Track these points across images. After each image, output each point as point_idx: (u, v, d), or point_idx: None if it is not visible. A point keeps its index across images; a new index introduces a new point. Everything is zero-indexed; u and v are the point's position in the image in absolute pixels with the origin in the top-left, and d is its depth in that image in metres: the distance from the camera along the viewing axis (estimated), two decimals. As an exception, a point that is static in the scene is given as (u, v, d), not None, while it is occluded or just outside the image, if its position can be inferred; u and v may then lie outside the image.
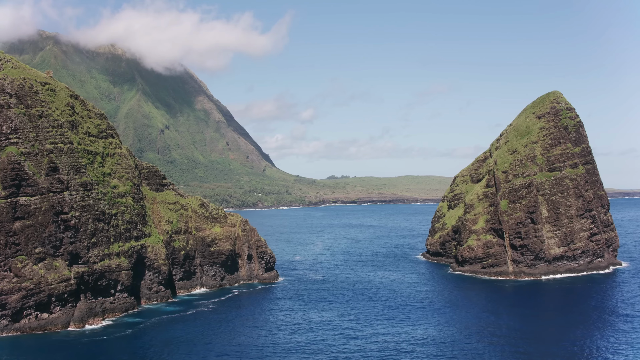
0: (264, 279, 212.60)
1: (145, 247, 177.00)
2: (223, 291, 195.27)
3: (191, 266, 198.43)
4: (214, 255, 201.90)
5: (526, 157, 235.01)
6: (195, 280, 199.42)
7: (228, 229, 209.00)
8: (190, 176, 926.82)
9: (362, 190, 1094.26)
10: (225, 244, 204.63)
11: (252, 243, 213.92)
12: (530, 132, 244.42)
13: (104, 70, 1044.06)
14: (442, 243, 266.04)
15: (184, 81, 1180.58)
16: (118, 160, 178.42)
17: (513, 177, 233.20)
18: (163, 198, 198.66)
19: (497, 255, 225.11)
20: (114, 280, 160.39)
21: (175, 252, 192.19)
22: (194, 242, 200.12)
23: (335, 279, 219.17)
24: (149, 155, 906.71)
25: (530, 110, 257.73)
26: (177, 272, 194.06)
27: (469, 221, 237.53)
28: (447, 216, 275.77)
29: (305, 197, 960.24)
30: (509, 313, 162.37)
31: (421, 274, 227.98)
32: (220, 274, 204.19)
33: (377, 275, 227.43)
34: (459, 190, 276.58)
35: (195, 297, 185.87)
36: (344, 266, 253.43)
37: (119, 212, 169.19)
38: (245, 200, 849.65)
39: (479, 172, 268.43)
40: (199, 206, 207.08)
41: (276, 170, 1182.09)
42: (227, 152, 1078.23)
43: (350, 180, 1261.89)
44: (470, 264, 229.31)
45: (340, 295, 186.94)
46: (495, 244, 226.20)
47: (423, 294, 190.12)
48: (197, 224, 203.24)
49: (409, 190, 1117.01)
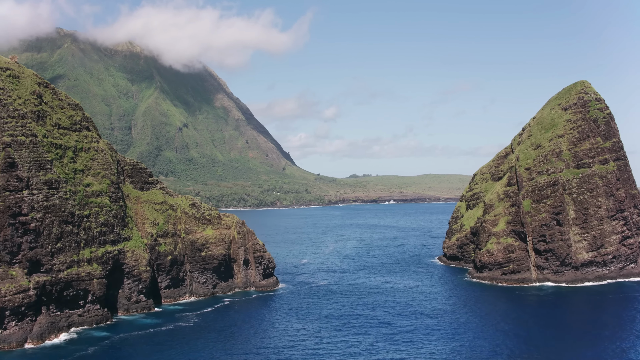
0: (262, 287, 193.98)
1: (124, 252, 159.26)
2: (213, 300, 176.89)
3: (179, 273, 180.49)
4: (204, 261, 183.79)
5: (551, 153, 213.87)
6: (183, 288, 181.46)
7: (222, 232, 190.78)
8: (209, 175, 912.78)
9: (383, 189, 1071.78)
10: (218, 248, 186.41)
11: (249, 247, 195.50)
12: (556, 125, 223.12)
13: (122, 68, 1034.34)
14: (459, 246, 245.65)
15: (203, 79, 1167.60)
16: (94, 156, 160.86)
17: (537, 174, 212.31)
18: (148, 197, 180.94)
19: (519, 261, 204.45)
20: (83, 290, 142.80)
21: (160, 258, 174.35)
22: (182, 246, 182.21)
23: (341, 287, 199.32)
24: (166, 153, 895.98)
25: (555, 101, 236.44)
26: (163, 279, 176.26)
27: (488, 223, 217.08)
28: (466, 217, 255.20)
29: (325, 196, 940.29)
30: (532, 330, 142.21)
31: (436, 282, 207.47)
32: (212, 281, 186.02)
33: (387, 282, 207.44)
34: (478, 189, 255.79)
35: (180, 308, 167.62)
36: (353, 271, 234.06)
37: (92, 214, 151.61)
38: (263, 199, 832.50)
39: (499, 169, 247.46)
40: (189, 206, 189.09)
41: (296, 168, 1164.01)
42: (246, 150, 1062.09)
43: (372, 179, 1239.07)
44: (489, 270, 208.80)
45: (344, 308, 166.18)
46: (517, 248, 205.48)
47: (435, 306, 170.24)
48: (187, 226, 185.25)
49: (431, 189, 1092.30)
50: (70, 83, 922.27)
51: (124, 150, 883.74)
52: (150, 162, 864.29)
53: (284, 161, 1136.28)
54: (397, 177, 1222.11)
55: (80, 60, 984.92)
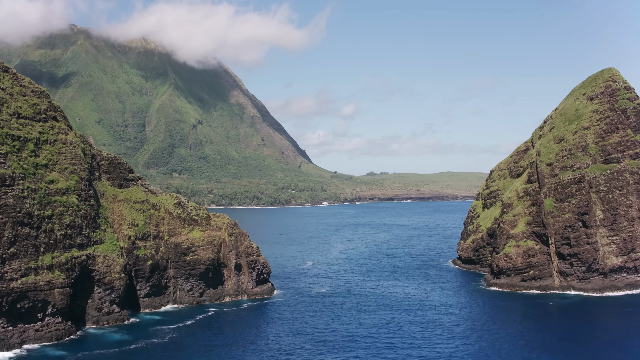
0: (255, 294, 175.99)
1: (94, 257, 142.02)
2: (198, 310, 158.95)
3: (161, 279, 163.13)
4: (190, 266, 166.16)
5: (576, 147, 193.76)
6: (166, 296, 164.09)
7: (210, 234, 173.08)
8: (223, 172, 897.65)
9: (400, 186, 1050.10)
10: (205, 251, 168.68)
11: (242, 250, 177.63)
12: (581, 116, 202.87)
13: (135, 64, 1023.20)
14: (475, 248, 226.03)
15: (218, 75, 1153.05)
16: (61, 149, 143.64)
17: (560, 170, 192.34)
18: (127, 196, 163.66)
19: (540, 266, 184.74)
20: (41, 301, 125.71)
21: (139, 263, 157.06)
22: (165, 249, 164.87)
23: (344, 295, 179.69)
24: (180, 151, 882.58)
25: (580, 91, 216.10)
26: (143, 287, 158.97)
27: (506, 223, 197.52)
28: (482, 217, 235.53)
29: (341, 194, 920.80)
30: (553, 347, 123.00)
31: (448, 291, 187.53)
32: (198, 288, 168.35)
33: (396, 291, 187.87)
34: (496, 186, 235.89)
35: (158, 319, 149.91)
36: (359, 276, 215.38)
37: (55, 214, 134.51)
38: (277, 198, 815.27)
39: (518, 165, 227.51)
40: (174, 206, 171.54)
41: (312, 166, 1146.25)
42: (261, 147, 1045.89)
43: (389, 176, 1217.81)
44: (507, 276, 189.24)
45: (342, 326, 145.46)
46: (538, 251, 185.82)
47: (446, 322, 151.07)
48: (171, 228, 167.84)
49: (449, 187, 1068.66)
50: (84, 80, 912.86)
51: (137, 148, 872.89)
52: (163, 159, 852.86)
53: (299, 159, 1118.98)
54: (414, 174, 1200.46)
55: (93, 57, 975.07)
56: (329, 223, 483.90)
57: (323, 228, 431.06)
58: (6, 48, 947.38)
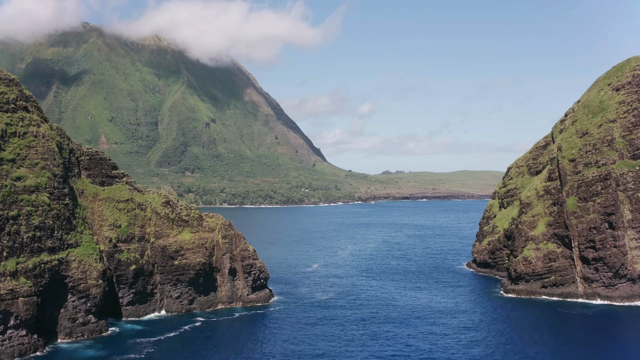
0: (250, 302, 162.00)
1: (68, 262, 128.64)
2: (185, 320, 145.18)
3: (147, 285, 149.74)
4: (178, 271, 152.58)
5: (601, 141, 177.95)
6: (152, 304, 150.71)
7: (202, 235, 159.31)
8: (236, 171, 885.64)
9: (416, 185, 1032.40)
10: (195, 255, 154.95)
11: (237, 254, 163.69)
12: (606, 108, 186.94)
13: (148, 62, 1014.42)
14: (491, 251, 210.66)
15: (232, 73, 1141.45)
16: (31, 142, 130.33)
17: (584, 166, 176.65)
18: (110, 194, 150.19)
19: (562, 271, 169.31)
20: (2, 312, 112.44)
21: (121, 267, 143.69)
22: (152, 253, 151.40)
23: (349, 303, 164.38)
24: (193, 149, 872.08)
25: (604, 81, 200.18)
26: (125, 293, 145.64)
27: (525, 224, 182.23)
28: (498, 217, 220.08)
29: (355, 193, 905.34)
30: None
31: (462, 298, 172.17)
32: (188, 295, 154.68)
33: (405, 299, 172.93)
34: (513, 184, 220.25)
35: (140, 329, 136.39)
36: (367, 280, 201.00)
37: (21, 215, 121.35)
38: (290, 196, 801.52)
39: (538, 161, 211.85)
40: (161, 205, 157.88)
41: (327, 165, 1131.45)
42: (275, 146, 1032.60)
43: (404, 175, 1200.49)
44: (526, 282, 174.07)
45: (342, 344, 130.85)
46: (559, 255, 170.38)
47: (459, 332, 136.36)
48: (158, 229, 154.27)
49: (465, 186, 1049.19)
50: (96, 78, 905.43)
51: (150, 146, 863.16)
52: (176, 158, 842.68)
53: (314, 157, 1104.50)
54: (430, 173, 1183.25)
55: (106, 55, 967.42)
56: (341, 223, 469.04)
57: (334, 228, 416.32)
58: (18, 46, 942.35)
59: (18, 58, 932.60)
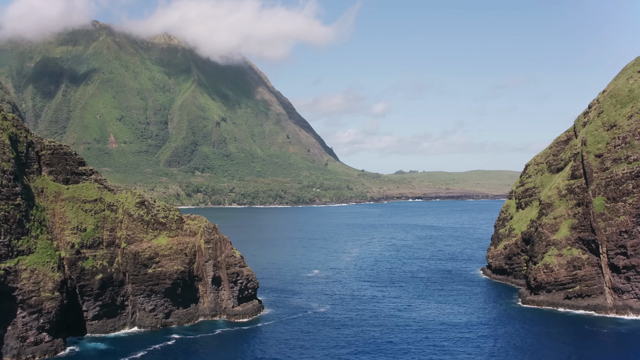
0: (236, 315, 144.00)
1: (17, 271, 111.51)
2: (159, 336, 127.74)
3: (116, 297, 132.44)
4: (152, 280, 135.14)
5: (632, 134, 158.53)
6: (123, 317, 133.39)
7: (181, 240, 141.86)
8: (247, 170, 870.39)
9: (429, 185, 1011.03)
10: (173, 262, 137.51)
11: (221, 260, 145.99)
12: (637, 97, 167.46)
13: (158, 61, 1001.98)
14: (507, 256, 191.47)
15: (243, 72, 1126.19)
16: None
17: (612, 163, 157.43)
18: (75, 193, 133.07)
19: (588, 280, 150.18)
20: None
21: (85, 277, 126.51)
22: (123, 259, 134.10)
23: (347, 318, 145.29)
24: (203, 148, 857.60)
25: (633, 68, 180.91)
26: (91, 306, 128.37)
27: (546, 227, 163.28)
28: (515, 219, 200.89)
29: (367, 193, 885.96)
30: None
31: (477, 310, 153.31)
32: (164, 308, 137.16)
33: (414, 308, 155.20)
34: (532, 183, 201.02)
35: (100, 351, 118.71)
36: (371, 289, 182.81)
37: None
38: (300, 196, 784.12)
39: (559, 157, 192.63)
40: (135, 206, 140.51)
41: (339, 164, 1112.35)
42: (287, 145, 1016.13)
43: (418, 175, 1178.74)
44: (547, 292, 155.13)
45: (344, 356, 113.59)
46: (585, 262, 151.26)
47: (473, 351, 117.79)
48: (130, 233, 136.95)
49: (479, 185, 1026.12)
50: (105, 77, 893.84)
51: (159, 146, 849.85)
52: (185, 157, 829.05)
53: (326, 157, 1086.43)
54: (444, 173, 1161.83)
55: (115, 53, 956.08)
56: (349, 224, 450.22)
57: (341, 229, 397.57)
58: (27, 45, 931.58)
59: (27, 57, 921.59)
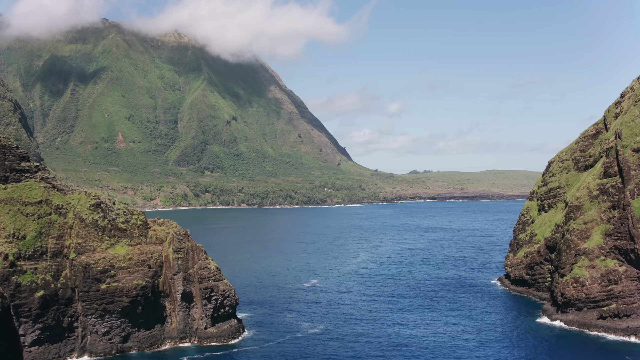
0: (209, 338, 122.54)
1: None
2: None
3: (63, 318, 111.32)
4: (106, 298, 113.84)
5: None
6: (71, 342, 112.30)
7: (145, 249, 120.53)
8: (258, 170, 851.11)
9: (443, 185, 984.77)
10: (132, 276, 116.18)
11: (193, 273, 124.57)
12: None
13: (168, 59, 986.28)
14: (529, 266, 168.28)
15: (254, 70, 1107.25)
16: None
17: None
18: (14, 194, 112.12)
19: (627, 297, 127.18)
20: None
21: (21, 294, 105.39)
22: (71, 273, 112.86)
23: (342, 345, 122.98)
24: (213, 148, 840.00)
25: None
26: (29, 329, 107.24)
27: (574, 234, 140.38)
28: (538, 223, 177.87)
29: (380, 193, 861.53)
30: None
31: (493, 326, 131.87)
32: (120, 330, 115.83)
33: (421, 328, 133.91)
34: (556, 182, 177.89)
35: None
36: (374, 303, 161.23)
37: None
38: (311, 197, 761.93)
39: (587, 153, 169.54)
40: (89, 209, 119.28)
41: (352, 164, 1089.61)
42: (299, 144, 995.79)
43: (432, 175, 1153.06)
44: (578, 310, 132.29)
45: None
46: (623, 276, 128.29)
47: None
48: (81, 241, 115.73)
49: (494, 186, 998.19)
50: (114, 75, 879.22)
51: (168, 145, 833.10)
52: (195, 157, 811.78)
53: (339, 156, 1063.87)
54: (458, 173, 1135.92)
55: (124, 51, 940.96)
56: (358, 225, 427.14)
57: (349, 231, 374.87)
58: (35, 43, 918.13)
59: (35, 55, 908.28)
